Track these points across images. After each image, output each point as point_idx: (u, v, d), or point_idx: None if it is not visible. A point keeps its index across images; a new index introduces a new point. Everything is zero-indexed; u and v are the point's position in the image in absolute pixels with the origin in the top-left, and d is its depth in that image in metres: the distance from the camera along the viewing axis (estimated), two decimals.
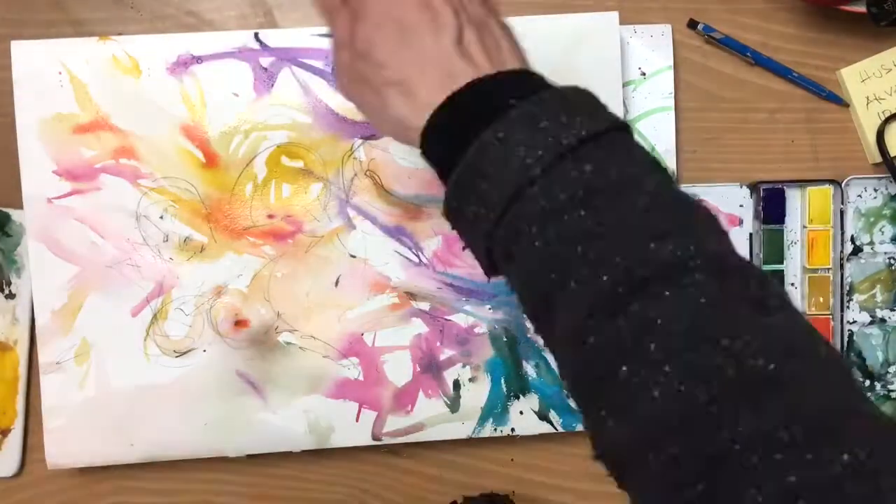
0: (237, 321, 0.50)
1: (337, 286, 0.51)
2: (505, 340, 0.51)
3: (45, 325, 0.49)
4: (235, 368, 0.50)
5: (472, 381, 0.51)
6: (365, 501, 0.53)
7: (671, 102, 0.53)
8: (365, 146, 0.50)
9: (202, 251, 0.50)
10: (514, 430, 0.51)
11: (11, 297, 0.51)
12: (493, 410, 0.51)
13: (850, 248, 0.53)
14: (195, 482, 0.52)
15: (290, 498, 0.53)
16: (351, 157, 0.50)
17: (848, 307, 0.53)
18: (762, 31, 0.53)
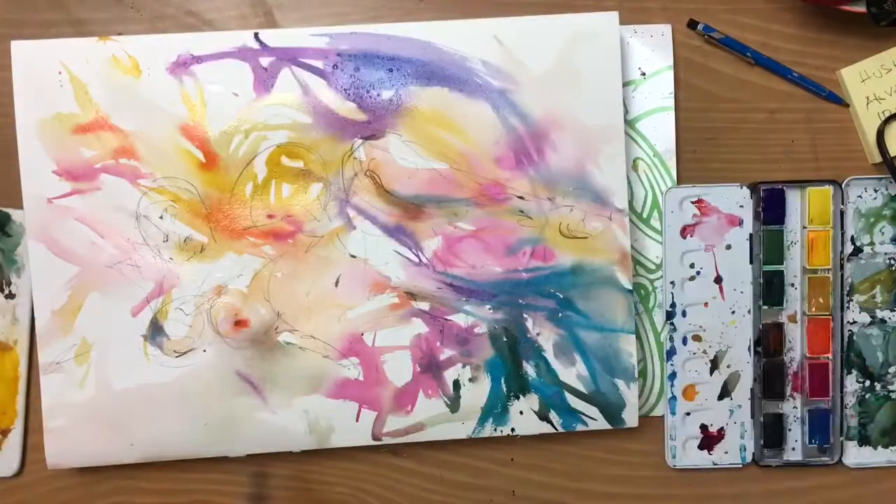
0: (237, 321, 0.50)
1: (337, 286, 0.51)
2: (505, 340, 0.51)
3: (45, 325, 0.49)
4: (235, 368, 0.50)
5: (472, 381, 0.51)
6: (365, 501, 0.53)
7: (671, 102, 0.53)
8: (365, 146, 0.50)
9: (202, 251, 0.50)
10: (514, 430, 0.51)
11: (11, 297, 0.51)
12: (493, 410, 0.51)
13: (850, 248, 0.53)
14: (195, 482, 0.52)
15: (290, 498, 0.53)
16: (351, 157, 0.50)
17: (848, 307, 0.53)
18: (762, 31, 0.53)
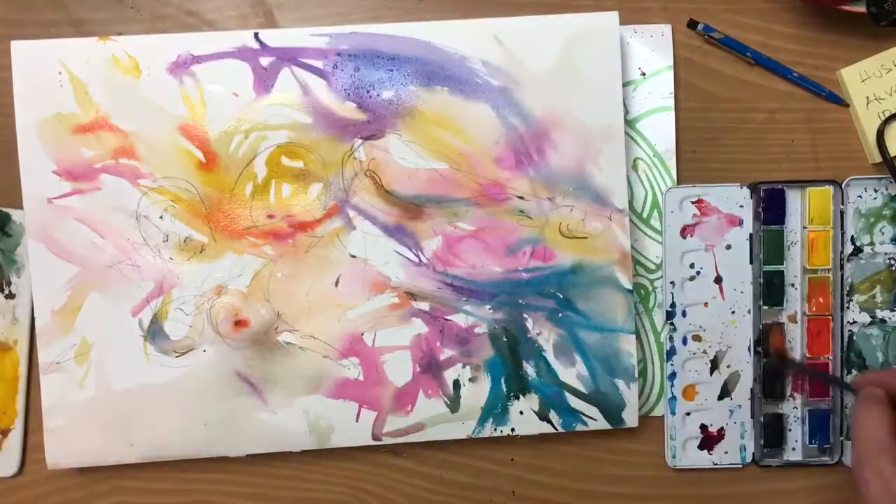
0: (237, 321, 0.50)
1: (337, 286, 0.51)
2: (505, 340, 0.51)
3: (45, 325, 0.49)
4: (235, 368, 0.50)
5: (472, 381, 0.51)
6: (365, 501, 0.53)
7: (671, 102, 0.53)
8: (365, 146, 0.50)
9: (202, 251, 0.50)
10: (514, 430, 0.51)
11: (11, 297, 0.51)
12: (493, 410, 0.51)
13: (850, 248, 0.53)
14: (195, 482, 0.52)
15: (290, 498, 0.53)
16: (351, 157, 0.50)
17: (848, 307, 0.53)
18: (762, 31, 0.53)
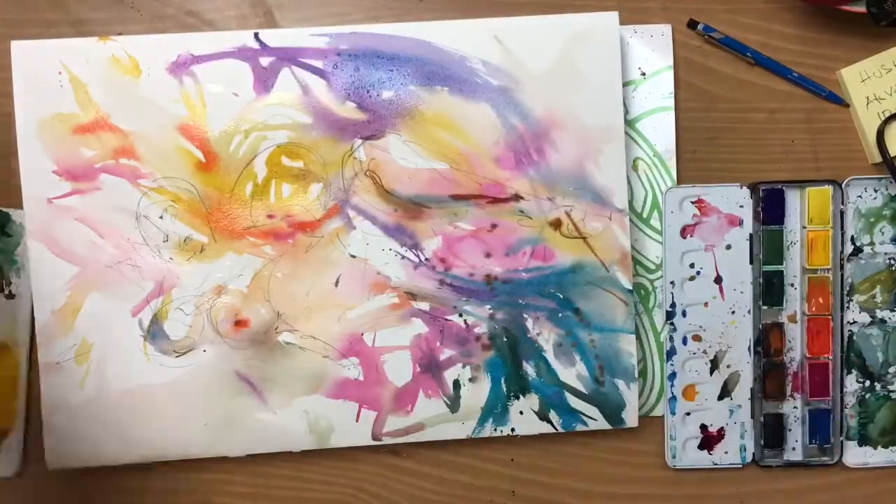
0: (237, 321, 0.50)
1: (337, 286, 0.51)
2: (505, 340, 0.51)
3: (45, 325, 0.49)
4: (235, 368, 0.50)
5: (472, 381, 0.51)
6: (365, 501, 0.53)
7: (671, 102, 0.53)
8: (365, 146, 0.50)
9: (202, 251, 0.50)
10: (514, 430, 0.51)
11: (11, 297, 0.51)
12: (493, 410, 0.51)
13: (850, 248, 0.53)
14: (195, 482, 0.52)
15: (289, 498, 0.53)
16: (351, 157, 0.50)
17: (848, 307, 0.53)
18: (762, 31, 0.53)
